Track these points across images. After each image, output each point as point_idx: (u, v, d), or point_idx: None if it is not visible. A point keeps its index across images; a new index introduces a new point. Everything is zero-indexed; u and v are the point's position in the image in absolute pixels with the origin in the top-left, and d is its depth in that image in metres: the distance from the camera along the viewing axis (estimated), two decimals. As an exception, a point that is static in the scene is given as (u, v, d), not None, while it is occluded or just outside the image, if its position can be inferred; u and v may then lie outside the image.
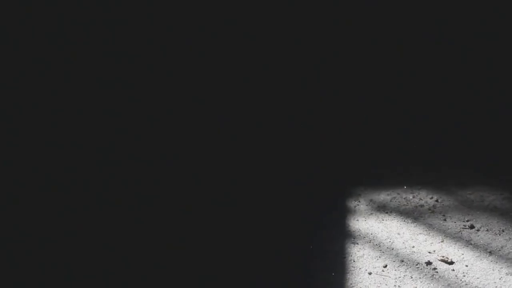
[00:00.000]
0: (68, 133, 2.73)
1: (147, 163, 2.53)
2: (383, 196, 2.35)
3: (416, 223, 2.15)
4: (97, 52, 2.84)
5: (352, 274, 1.90)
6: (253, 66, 3.00)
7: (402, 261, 1.94)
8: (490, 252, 1.96)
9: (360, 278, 1.88)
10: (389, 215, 2.23)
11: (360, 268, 1.92)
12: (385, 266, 1.92)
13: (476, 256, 1.94)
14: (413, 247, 2.02)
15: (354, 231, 2.13)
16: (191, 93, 2.97)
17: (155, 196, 2.29)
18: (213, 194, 2.30)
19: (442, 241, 2.03)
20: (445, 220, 2.16)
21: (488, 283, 1.80)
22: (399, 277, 1.87)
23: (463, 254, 1.96)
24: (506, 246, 1.98)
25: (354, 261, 1.96)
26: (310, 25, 2.92)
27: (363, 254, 1.99)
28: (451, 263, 1.91)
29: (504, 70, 2.86)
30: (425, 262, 1.92)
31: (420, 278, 1.86)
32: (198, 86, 2.97)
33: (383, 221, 2.18)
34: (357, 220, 2.20)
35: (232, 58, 2.99)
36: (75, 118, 2.78)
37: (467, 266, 1.89)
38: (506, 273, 1.84)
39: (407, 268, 1.91)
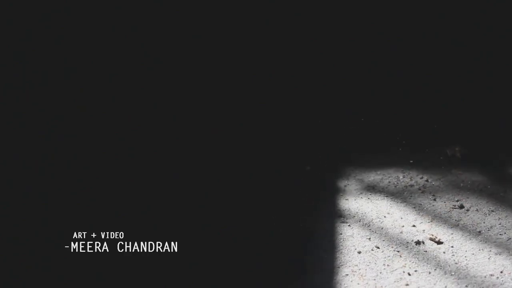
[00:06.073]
0: (68, 133, 2.72)
1: (147, 163, 2.51)
2: (373, 176, 2.35)
3: (406, 203, 2.15)
4: (96, 52, 2.85)
5: (341, 253, 1.90)
6: (253, 66, 3.02)
7: (392, 240, 1.94)
8: (479, 232, 1.96)
9: (349, 257, 1.88)
10: (379, 194, 2.22)
11: (349, 247, 1.92)
12: (375, 245, 1.92)
13: (465, 236, 1.95)
14: (403, 226, 2.02)
15: (344, 210, 2.12)
16: (191, 93, 2.97)
17: (156, 196, 2.26)
18: (213, 193, 2.27)
19: (431, 221, 2.04)
20: (435, 200, 2.16)
21: (477, 263, 1.81)
22: (389, 256, 1.87)
23: (452, 234, 1.96)
24: (495, 226, 1.99)
25: (344, 240, 1.96)
26: (310, 25, 2.96)
27: (353, 234, 1.99)
28: (440, 242, 1.92)
29: (503, 65, 2.90)
30: (415, 242, 1.92)
31: (409, 257, 1.86)
32: (198, 86, 2.98)
33: (373, 201, 2.18)
34: (347, 199, 2.19)
35: (231, 58, 3.01)
36: (75, 117, 2.78)
37: (456, 245, 1.89)
38: (495, 253, 1.84)
39: (397, 248, 1.91)
